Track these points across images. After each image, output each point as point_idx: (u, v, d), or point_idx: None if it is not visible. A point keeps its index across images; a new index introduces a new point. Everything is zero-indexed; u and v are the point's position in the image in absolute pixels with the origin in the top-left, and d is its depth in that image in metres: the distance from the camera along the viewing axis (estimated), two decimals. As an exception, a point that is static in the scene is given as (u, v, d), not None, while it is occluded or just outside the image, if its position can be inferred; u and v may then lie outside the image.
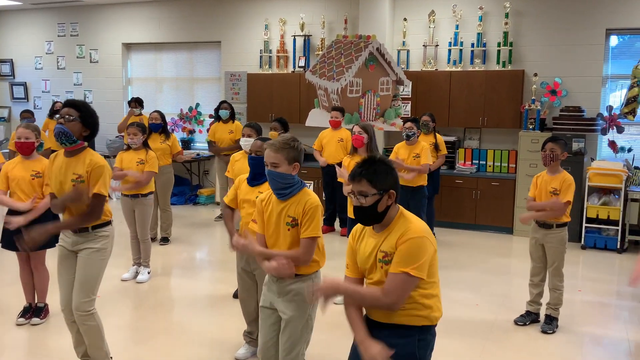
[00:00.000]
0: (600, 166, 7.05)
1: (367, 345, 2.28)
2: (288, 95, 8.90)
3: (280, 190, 2.90)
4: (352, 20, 8.64)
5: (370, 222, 2.37)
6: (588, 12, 7.53)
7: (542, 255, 4.56)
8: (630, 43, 7.73)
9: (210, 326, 4.56)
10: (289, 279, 2.91)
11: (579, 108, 7.39)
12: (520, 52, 7.90)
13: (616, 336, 4.47)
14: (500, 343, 4.31)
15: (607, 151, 7.58)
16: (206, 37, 9.82)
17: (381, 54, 7.16)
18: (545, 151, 4.41)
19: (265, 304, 3.02)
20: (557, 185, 4.37)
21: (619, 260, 6.66)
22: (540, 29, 7.80)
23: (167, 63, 10.40)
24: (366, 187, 2.28)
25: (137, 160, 5.52)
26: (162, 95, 10.49)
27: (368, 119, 7.21)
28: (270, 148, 2.88)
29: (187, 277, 5.86)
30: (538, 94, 7.71)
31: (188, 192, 9.62)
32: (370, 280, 2.39)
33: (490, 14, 8.01)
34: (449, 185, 7.76)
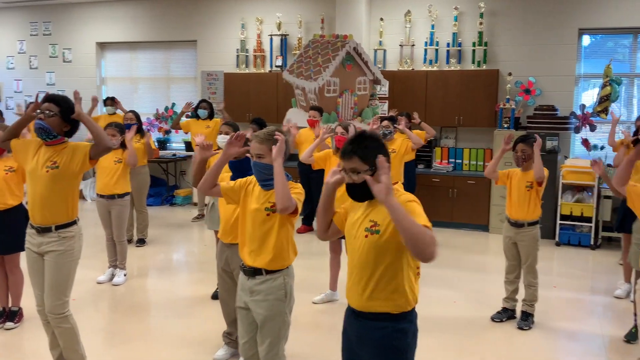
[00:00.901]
0: (574, 164, 7.17)
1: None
2: (265, 95, 8.87)
3: (265, 182, 2.91)
4: (328, 20, 8.65)
5: (363, 198, 2.34)
6: (561, 13, 7.66)
7: (515, 253, 4.62)
8: (602, 43, 7.88)
9: (189, 328, 4.52)
10: (260, 278, 2.89)
11: (552, 107, 7.50)
12: (495, 51, 8.00)
13: (590, 331, 4.55)
14: (477, 340, 4.35)
15: (580, 149, 7.72)
16: (182, 36, 9.74)
17: (358, 54, 7.19)
18: (517, 152, 4.47)
19: (241, 304, 3.01)
20: (532, 178, 4.44)
21: (593, 256, 6.78)
22: (514, 29, 7.90)
23: (142, 62, 10.29)
24: (357, 164, 2.26)
25: (115, 159, 5.47)
26: (137, 95, 10.38)
27: (346, 119, 7.23)
28: (255, 139, 2.90)
29: (164, 278, 5.81)
30: (512, 93, 7.81)
31: (164, 193, 9.53)
32: (350, 253, 2.39)
33: (465, 14, 8.09)
34: (426, 184, 7.81)
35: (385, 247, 2.27)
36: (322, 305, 4.97)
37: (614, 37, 7.77)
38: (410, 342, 2.36)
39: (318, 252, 6.36)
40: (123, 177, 5.54)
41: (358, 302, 2.35)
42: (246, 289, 2.96)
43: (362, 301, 2.33)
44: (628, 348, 4.20)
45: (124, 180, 5.55)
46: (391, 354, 2.31)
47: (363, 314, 2.34)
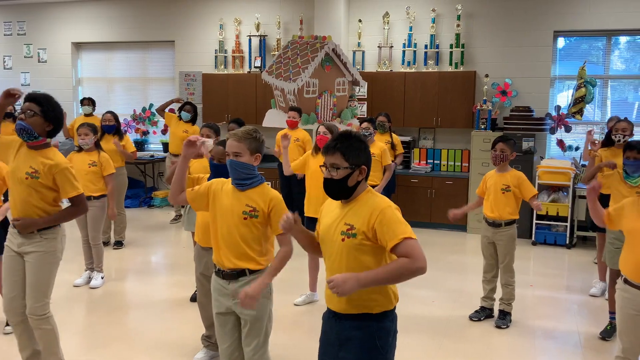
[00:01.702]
0: (549, 164, 7.28)
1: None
2: (244, 96, 8.84)
3: (241, 181, 2.84)
4: (307, 20, 8.65)
5: (339, 195, 2.36)
6: (536, 15, 7.77)
7: (493, 252, 4.68)
8: (577, 45, 8.01)
9: (167, 331, 4.48)
10: (243, 279, 2.86)
11: (528, 108, 7.61)
12: (472, 53, 8.08)
13: (567, 329, 4.62)
14: (456, 338, 4.39)
15: (556, 150, 7.84)
16: (159, 37, 9.65)
17: (337, 55, 7.19)
18: (496, 151, 4.52)
19: (221, 310, 2.95)
20: (509, 182, 4.49)
21: (568, 255, 6.89)
22: (490, 31, 7.99)
23: (119, 63, 10.18)
24: (339, 160, 2.29)
25: (89, 162, 5.38)
26: (114, 95, 10.26)
27: (325, 120, 7.23)
28: (233, 137, 2.83)
29: (142, 281, 5.75)
30: (489, 94, 7.91)
31: (142, 195, 9.44)
32: (326, 256, 2.38)
33: (443, 16, 8.16)
34: (405, 185, 7.86)
35: (363, 249, 2.27)
36: (302, 307, 4.97)
37: (588, 39, 7.91)
38: (392, 342, 2.37)
39: (298, 253, 6.34)
40: (98, 179, 5.46)
41: (338, 306, 2.35)
42: (228, 293, 2.89)
43: (343, 303, 2.33)
44: (604, 345, 4.28)
45: (99, 183, 5.47)
46: (375, 353, 2.31)
47: (344, 315, 2.34)
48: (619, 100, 7.89)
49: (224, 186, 2.91)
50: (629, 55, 7.83)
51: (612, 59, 7.79)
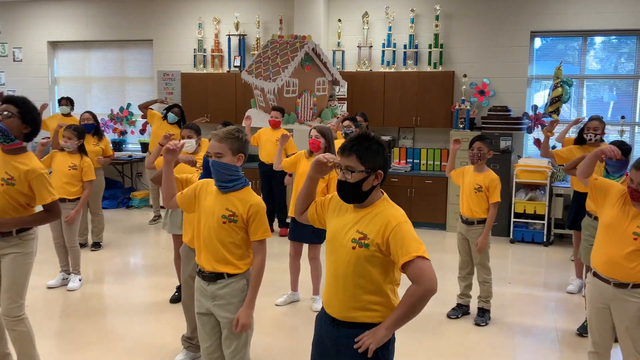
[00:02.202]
0: (527, 163, 7.37)
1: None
2: (224, 95, 8.80)
3: (224, 183, 2.80)
4: (287, 20, 8.64)
5: (352, 199, 2.28)
6: (513, 16, 7.86)
7: (468, 249, 4.72)
8: (553, 45, 8.12)
9: (147, 333, 4.44)
10: (221, 282, 2.84)
11: (506, 108, 7.69)
12: (451, 53, 8.14)
13: (545, 326, 4.69)
14: (436, 336, 4.42)
15: (533, 149, 7.94)
16: (137, 36, 9.56)
17: (317, 55, 7.20)
18: (473, 150, 4.57)
19: (202, 310, 2.94)
20: (482, 182, 4.54)
21: (546, 253, 6.99)
22: (468, 32, 8.07)
23: (96, 62, 10.05)
24: (354, 163, 2.21)
25: (70, 164, 5.31)
26: (91, 95, 10.13)
27: (305, 119, 7.23)
28: (214, 138, 2.80)
29: (120, 283, 5.69)
30: (467, 94, 7.98)
31: (120, 196, 9.34)
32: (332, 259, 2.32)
33: (422, 16, 8.21)
34: (385, 184, 7.73)
35: (373, 261, 2.21)
36: (284, 307, 4.96)
37: (564, 39, 8.03)
38: (391, 350, 2.34)
39: (279, 253, 6.34)
40: (76, 182, 5.38)
41: (340, 312, 2.30)
42: (207, 295, 2.88)
43: (345, 311, 2.28)
44: (580, 341, 4.34)
45: (76, 186, 5.39)
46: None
47: (344, 323, 2.29)
48: (594, 99, 8.02)
49: (209, 187, 2.89)
50: (604, 55, 7.96)
51: (587, 59, 7.92)
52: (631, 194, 2.97)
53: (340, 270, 2.27)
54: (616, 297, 3.01)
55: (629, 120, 7.66)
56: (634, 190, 2.95)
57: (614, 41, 7.85)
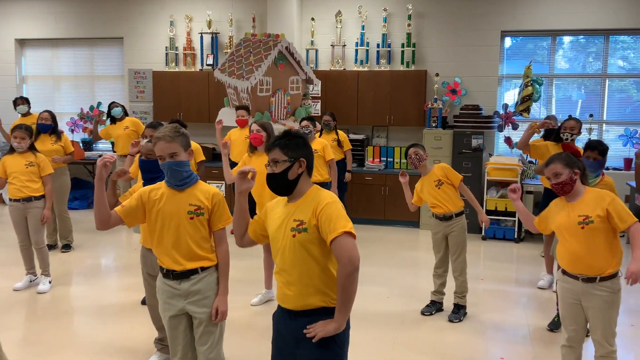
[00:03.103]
0: (498, 161, 7.48)
1: None
2: (196, 94, 8.72)
3: (181, 181, 2.78)
4: (260, 18, 8.60)
5: (281, 190, 2.41)
6: (484, 15, 7.96)
7: (444, 247, 4.77)
8: (523, 44, 8.25)
9: (119, 335, 4.37)
10: (195, 277, 2.81)
11: (477, 106, 7.79)
12: (423, 52, 8.21)
13: (516, 321, 4.76)
14: (410, 333, 4.45)
15: (504, 147, 8.05)
16: (107, 33, 9.41)
17: (290, 53, 7.18)
18: (411, 157, 4.64)
19: (172, 312, 2.87)
20: (438, 176, 4.61)
21: (517, 249, 7.09)
22: (440, 31, 8.14)
23: (65, 60, 9.87)
24: (278, 155, 2.37)
25: (26, 162, 5.17)
26: (60, 94, 9.94)
27: (279, 118, 7.21)
28: (164, 139, 2.73)
29: (91, 284, 5.59)
30: (440, 93, 8.05)
31: (91, 196, 9.18)
32: (278, 255, 2.39)
33: (394, 15, 8.26)
34: (359, 182, 7.92)
35: (314, 243, 2.31)
36: (258, 307, 4.94)
37: (533, 39, 8.16)
38: (347, 335, 2.40)
39: (250, 252, 6.29)
40: (38, 179, 5.26)
41: (293, 302, 2.36)
42: (179, 294, 2.83)
43: (298, 300, 2.34)
44: (551, 336, 4.42)
45: (39, 182, 5.27)
46: (332, 346, 2.32)
47: (300, 313, 2.35)
48: (563, 98, 8.17)
49: (159, 192, 2.82)
50: (572, 54, 8.12)
51: (556, 58, 8.06)
52: (555, 189, 3.13)
53: (287, 261, 2.35)
54: (586, 291, 3.08)
55: (597, 119, 7.82)
56: (554, 184, 3.11)
57: (582, 41, 8.01)
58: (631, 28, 7.61)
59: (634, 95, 7.96)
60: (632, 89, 7.97)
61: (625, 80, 7.97)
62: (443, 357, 4.07)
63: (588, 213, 3.03)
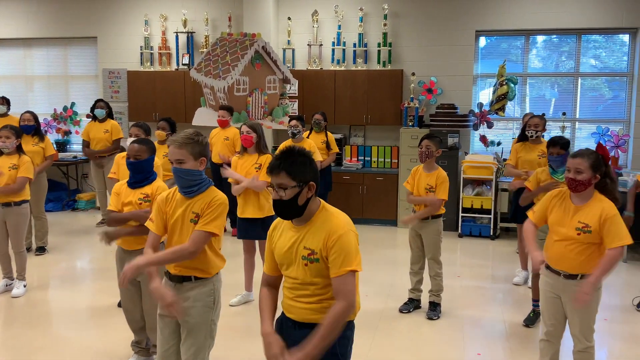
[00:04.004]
0: (473, 159, 7.56)
1: (270, 340, 2.26)
2: (172, 94, 8.65)
3: (187, 188, 2.79)
4: (236, 18, 8.56)
5: (290, 215, 2.29)
6: (459, 15, 8.04)
7: (420, 244, 4.81)
8: (497, 44, 8.35)
9: (95, 339, 4.32)
10: (187, 284, 2.82)
11: (453, 105, 7.87)
12: (399, 52, 8.26)
13: (493, 317, 4.82)
14: (389, 331, 4.49)
15: (479, 145, 8.15)
16: (81, 33, 9.28)
17: (267, 53, 7.17)
18: (422, 148, 4.65)
19: (162, 312, 2.89)
20: (433, 182, 4.63)
21: (493, 246, 7.19)
22: (416, 31, 8.20)
23: (38, 60, 9.71)
24: (285, 180, 2.20)
25: (10, 165, 5.07)
26: (33, 94, 9.77)
27: (256, 118, 7.19)
28: (174, 144, 2.74)
29: (67, 288, 5.51)
30: (416, 92, 8.11)
31: (65, 198, 9.05)
32: (287, 274, 2.34)
33: (370, 15, 8.30)
34: (337, 182, 7.94)
35: (327, 271, 2.25)
36: (237, 307, 4.93)
37: (507, 38, 8.27)
38: (350, 350, 2.39)
39: (231, 253, 6.28)
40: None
41: (301, 315, 2.32)
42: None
43: (305, 315, 2.31)
44: (527, 332, 4.49)
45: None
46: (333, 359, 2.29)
47: (305, 325, 2.31)
48: (536, 97, 8.29)
49: (173, 196, 2.86)
50: (545, 53, 8.24)
51: (530, 57, 8.18)
52: (568, 183, 3.08)
53: (297, 282, 2.31)
54: (566, 287, 3.13)
55: (570, 116, 7.96)
56: (570, 179, 3.06)
57: (554, 40, 8.14)
58: (602, 27, 7.76)
59: (606, 94, 8.12)
60: (604, 87, 8.13)
61: (597, 78, 8.12)
62: (421, 353, 4.11)
63: (589, 222, 3.02)
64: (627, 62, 7.86)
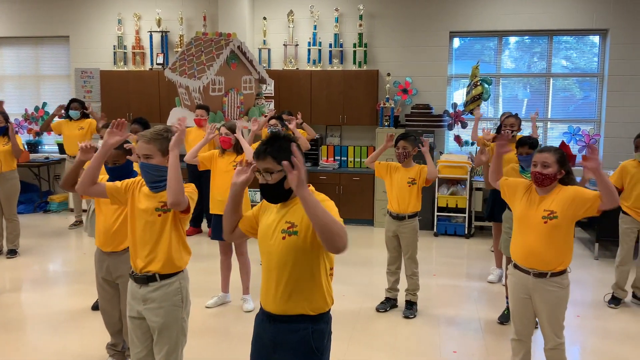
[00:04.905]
0: (448, 159, 7.64)
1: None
2: (146, 94, 8.56)
3: (154, 183, 2.79)
4: (211, 17, 8.51)
5: (277, 199, 2.32)
6: (433, 16, 8.11)
7: (397, 245, 4.85)
8: (470, 45, 8.45)
9: (69, 342, 4.26)
10: (153, 284, 2.80)
11: (427, 106, 7.94)
12: (375, 52, 8.30)
13: (468, 315, 4.88)
14: (366, 330, 4.51)
15: (453, 145, 8.23)
16: (52, 32, 9.12)
17: (243, 53, 7.14)
18: (399, 149, 4.70)
19: (133, 314, 2.87)
20: (414, 175, 4.68)
21: (467, 244, 7.27)
22: (391, 32, 8.25)
23: (8, 59, 9.52)
24: (271, 164, 2.24)
25: None
26: (3, 94, 9.55)
27: (232, 118, 7.16)
28: (142, 139, 2.75)
29: (39, 291, 5.42)
30: (391, 92, 8.17)
31: (37, 199, 8.89)
32: (264, 249, 2.34)
33: (346, 15, 8.32)
34: (314, 182, 7.90)
35: (304, 247, 2.25)
36: (214, 309, 4.90)
37: (481, 39, 8.37)
38: (327, 344, 2.38)
39: (208, 254, 6.25)
40: None
41: (275, 306, 2.31)
42: (138, 297, 2.82)
43: (280, 304, 2.30)
44: (502, 329, 4.56)
45: None
46: (311, 355, 2.30)
47: (279, 317, 2.31)
48: (509, 97, 8.41)
49: (142, 188, 2.87)
50: (518, 54, 8.37)
51: (502, 58, 8.30)
52: (535, 177, 3.14)
53: (273, 263, 2.30)
54: (536, 286, 3.16)
55: (542, 116, 8.09)
56: (537, 173, 3.11)
57: (527, 41, 8.26)
58: (573, 29, 7.91)
59: (577, 94, 8.28)
60: (575, 87, 8.28)
61: (569, 79, 8.27)
62: (398, 352, 4.14)
63: (554, 208, 3.07)
64: (598, 63, 8.03)
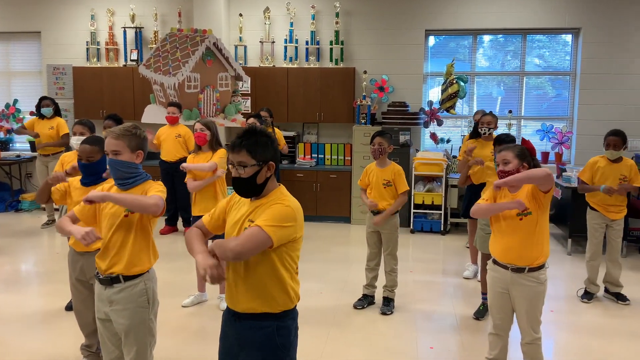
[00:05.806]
0: (424, 156, 7.70)
1: (203, 257, 2.21)
2: (120, 90, 8.45)
3: (122, 180, 2.75)
4: (186, 13, 8.43)
5: (248, 193, 2.31)
6: (409, 14, 8.16)
7: (377, 241, 4.87)
8: (445, 43, 8.52)
9: (43, 344, 4.18)
10: (118, 286, 2.76)
11: (404, 103, 7.98)
12: (351, 50, 8.31)
13: (444, 311, 4.93)
14: (343, 327, 4.52)
15: (429, 142, 8.30)
16: (23, 27, 8.93)
17: (218, 49, 7.08)
18: (374, 145, 4.71)
19: (101, 316, 2.84)
20: (389, 176, 4.70)
21: (443, 241, 7.34)
22: (367, 29, 8.27)
23: (-24, 55, 9.29)
24: (245, 158, 2.24)
25: None
26: (-29, 90, 9.35)
27: (208, 115, 7.10)
28: (111, 135, 2.72)
29: (11, 292, 5.31)
30: (368, 90, 8.19)
31: (8, 198, 8.71)
32: None
33: (322, 12, 8.31)
34: (291, 179, 7.94)
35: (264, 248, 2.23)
36: (190, 308, 4.86)
37: (455, 38, 8.44)
38: (293, 340, 2.38)
39: (183, 253, 6.19)
40: None
41: (239, 304, 2.31)
42: (104, 299, 2.80)
43: (244, 302, 2.29)
44: (478, 324, 4.61)
45: None
46: (277, 351, 2.30)
47: (244, 315, 2.30)
48: (484, 95, 8.51)
49: (111, 188, 2.83)
50: (492, 53, 8.46)
51: (477, 56, 8.38)
52: (499, 176, 3.23)
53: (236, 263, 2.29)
54: (514, 281, 3.21)
55: (516, 114, 8.20)
56: (500, 171, 3.22)
57: (501, 40, 8.36)
58: (546, 28, 8.03)
59: (550, 92, 8.41)
60: (548, 85, 8.41)
61: (542, 77, 8.40)
62: (376, 348, 4.16)
63: (526, 204, 3.14)
64: (570, 62, 8.16)
